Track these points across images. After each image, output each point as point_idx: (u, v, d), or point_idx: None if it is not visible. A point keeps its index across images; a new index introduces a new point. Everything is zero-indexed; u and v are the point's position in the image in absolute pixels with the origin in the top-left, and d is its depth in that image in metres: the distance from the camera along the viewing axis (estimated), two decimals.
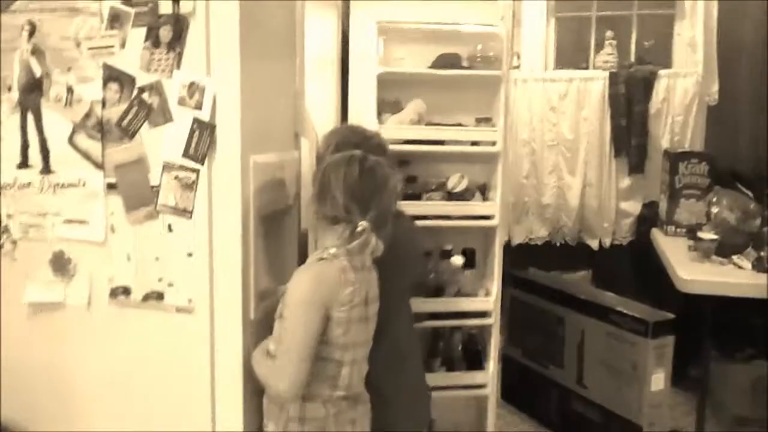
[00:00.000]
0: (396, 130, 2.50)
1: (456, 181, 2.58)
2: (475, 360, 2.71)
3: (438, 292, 2.62)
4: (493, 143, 2.57)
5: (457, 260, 2.61)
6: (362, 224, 1.64)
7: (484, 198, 2.65)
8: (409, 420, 1.98)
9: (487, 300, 2.64)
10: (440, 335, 2.73)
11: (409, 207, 2.41)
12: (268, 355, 1.70)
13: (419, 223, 2.51)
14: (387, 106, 2.58)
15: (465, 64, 2.62)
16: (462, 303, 2.61)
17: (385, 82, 2.48)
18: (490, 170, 2.66)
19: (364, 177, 1.69)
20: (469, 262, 2.63)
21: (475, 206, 2.60)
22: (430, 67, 2.60)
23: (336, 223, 1.66)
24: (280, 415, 1.68)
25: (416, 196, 2.57)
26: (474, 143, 2.61)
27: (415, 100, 2.60)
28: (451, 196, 2.59)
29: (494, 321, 2.65)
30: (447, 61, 2.59)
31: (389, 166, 1.77)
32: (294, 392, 1.62)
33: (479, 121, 2.64)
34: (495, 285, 2.63)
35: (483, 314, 2.63)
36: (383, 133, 2.38)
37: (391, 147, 2.41)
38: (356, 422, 1.72)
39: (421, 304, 2.51)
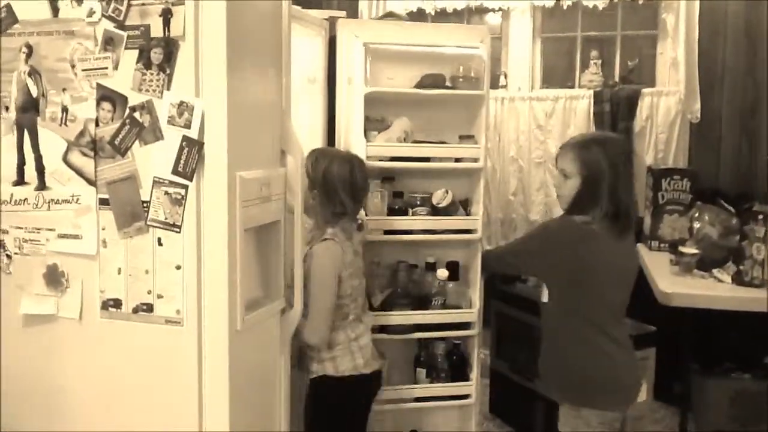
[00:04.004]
0: (383, 148, 2.57)
1: (441, 197, 2.64)
2: (459, 370, 2.77)
3: (424, 303, 2.67)
4: (476, 159, 2.65)
5: (443, 273, 2.67)
6: (360, 217, 2.32)
7: (467, 212, 2.72)
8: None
9: (471, 312, 2.69)
10: (425, 346, 2.79)
11: (396, 222, 2.55)
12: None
13: (406, 237, 2.61)
14: (373, 123, 2.64)
15: (448, 83, 2.68)
16: (446, 315, 2.67)
17: (372, 101, 2.55)
18: (472, 185, 2.75)
19: (359, 176, 2.19)
20: (453, 275, 2.69)
21: (458, 221, 2.67)
22: (415, 87, 2.67)
23: (341, 218, 2.18)
24: (319, 357, 2.19)
25: (403, 212, 2.63)
26: (457, 160, 2.69)
27: (401, 119, 2.67)
28: (435, 211, 2.65)
29: (477, 332, 2.72)
30: (431, 80, 2.66)
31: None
32: (324, 342, 2.15)
33: (462, 138, 2.71)
34: (477, 296, 2.70)
35: (467, 325, 2.70)
36: (371, 150, 2.48)
37: (379, 164, 2.52)
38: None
39: (408, 317, 2.62)
